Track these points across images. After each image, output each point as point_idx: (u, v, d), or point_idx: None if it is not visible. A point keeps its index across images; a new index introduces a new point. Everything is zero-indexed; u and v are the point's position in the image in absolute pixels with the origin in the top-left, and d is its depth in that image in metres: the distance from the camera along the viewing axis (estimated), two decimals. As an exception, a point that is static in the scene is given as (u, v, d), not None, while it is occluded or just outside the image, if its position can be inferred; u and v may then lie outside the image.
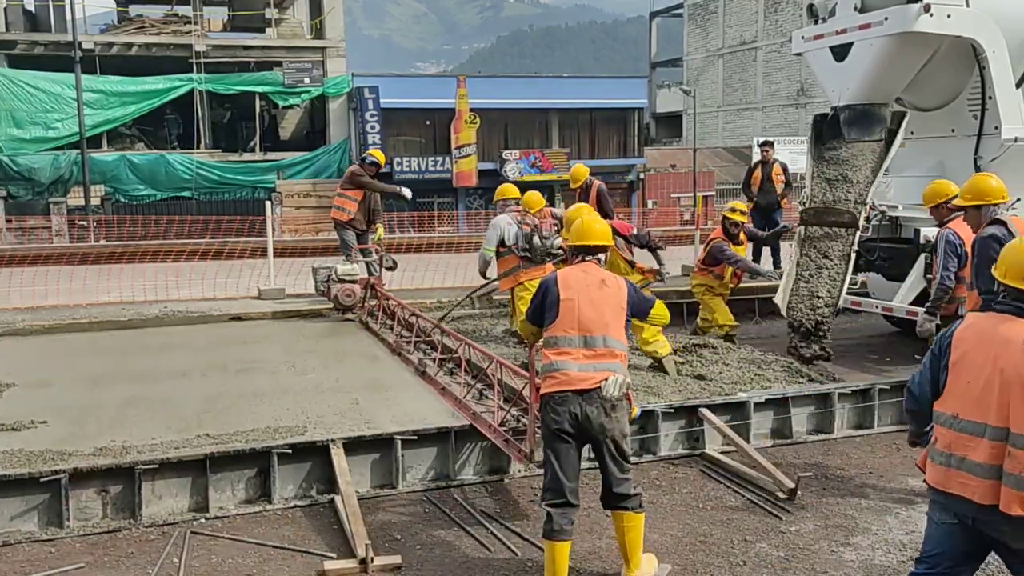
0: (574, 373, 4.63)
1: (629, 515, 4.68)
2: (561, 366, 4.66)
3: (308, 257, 15.39)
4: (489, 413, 6.33)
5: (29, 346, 9.56)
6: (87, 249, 18.00)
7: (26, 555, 5.09)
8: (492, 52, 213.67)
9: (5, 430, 6.37)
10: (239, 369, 8.37)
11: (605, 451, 4.65)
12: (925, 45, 8.78)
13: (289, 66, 31.01)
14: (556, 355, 4.71)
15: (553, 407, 4.62)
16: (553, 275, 4.95)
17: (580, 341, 4.70)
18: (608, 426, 4.60)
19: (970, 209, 6.31)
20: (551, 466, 4.64)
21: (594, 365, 4.64)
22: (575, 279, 4.83)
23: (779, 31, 48.33)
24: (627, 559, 4.74)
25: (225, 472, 5.75)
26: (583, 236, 4.97)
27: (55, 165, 28.17)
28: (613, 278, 4.93)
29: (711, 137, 52.27)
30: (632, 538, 4.70)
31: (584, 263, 4.94)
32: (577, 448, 4.67)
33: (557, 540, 4.53)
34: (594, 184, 11.80)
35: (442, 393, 7.26)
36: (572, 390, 4.59)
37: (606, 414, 4.59)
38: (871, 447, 7.09)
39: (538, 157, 33.66)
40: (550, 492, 4.62)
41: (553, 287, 4.82)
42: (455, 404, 6.85)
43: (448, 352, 8.12)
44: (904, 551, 5.14)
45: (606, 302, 4.77)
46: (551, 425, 4.63)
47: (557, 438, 4.61)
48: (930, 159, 9.76)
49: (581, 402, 4.58)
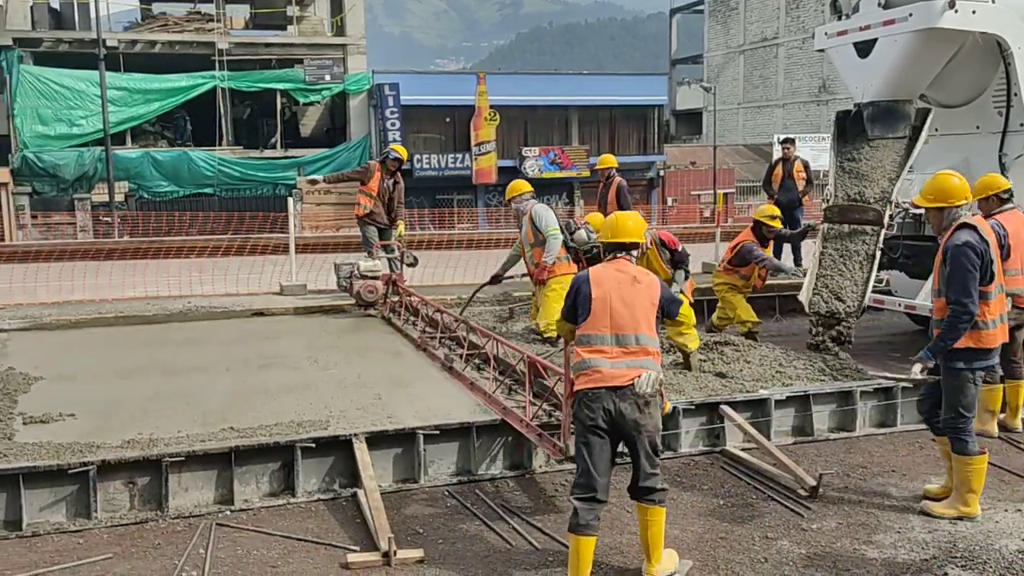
0: (607, 370, 4.67)
1: (653, 509, 4.71)
2: (594, 363, 4.70)
3: (329, 253, 15.46)
4: (520, 408, 6.38)
5: (56, 340, 9.68)
6: (112, 245, 18.17)
7: (55, 545, 5.17)
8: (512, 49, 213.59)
9: (34, 423, 6.45)
10: (262, 364, 8.44)
11: (638, 446, 4.69)
12: (950, 41, 8.72)
13: (310, 63, 31.16)
14: (589, 353, 4.75)
15: (587, 404, 4.67)
16: (585, 273, 4.97)
17: (613, 339, 4.74)
18: (642, 422, 4.65)
19: (932, 211, 5.90)
20: (583, 461, 4.67)
21: (627, 362, 4.68)
22: (607, 277, 4.87)
23: (801, 27, 48.01)
24: (648, 554, 4.76)
25: (250, 465, 5.82)
26: (617, 233, 4.99)
27: (80, 162, 28.45)
28: (645, 275, 4.96)
29: (731, 134, 52.02)
30: (654, 532, 4.73)
31: (617, 260, 4.96)
32: (611, 444, 4.70)
33: (582, 534, 4.56)
34: (615, 180, 11.84)
35: (471, 388, 7.30)
36: (606, 387, 4.64)
37: (640, 410, 4.63)
38: (893, 445, 7.07)
39: (557, 154, 33.65)
40: (579, 487, 4.66)
41: (584, 285, 4.85)
42: (485, 399, 6.89)
43: (474, 348, 8.16)
44: (927, 549, 5.13)
45: (638, 300, 4.80)
46: (585, 421, 4.67)
47: (591, 433, 4.65)
48: (955, 156, 9.69)
49: (615, 399, 4.62)
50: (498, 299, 11.65)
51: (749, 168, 41.37)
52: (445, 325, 9.09)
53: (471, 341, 8.27)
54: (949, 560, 4.99)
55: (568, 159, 33.71)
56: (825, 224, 9.17)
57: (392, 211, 11.62)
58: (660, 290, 4.91)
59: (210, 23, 31.64)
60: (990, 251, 5.59)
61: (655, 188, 36.04)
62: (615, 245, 4.99)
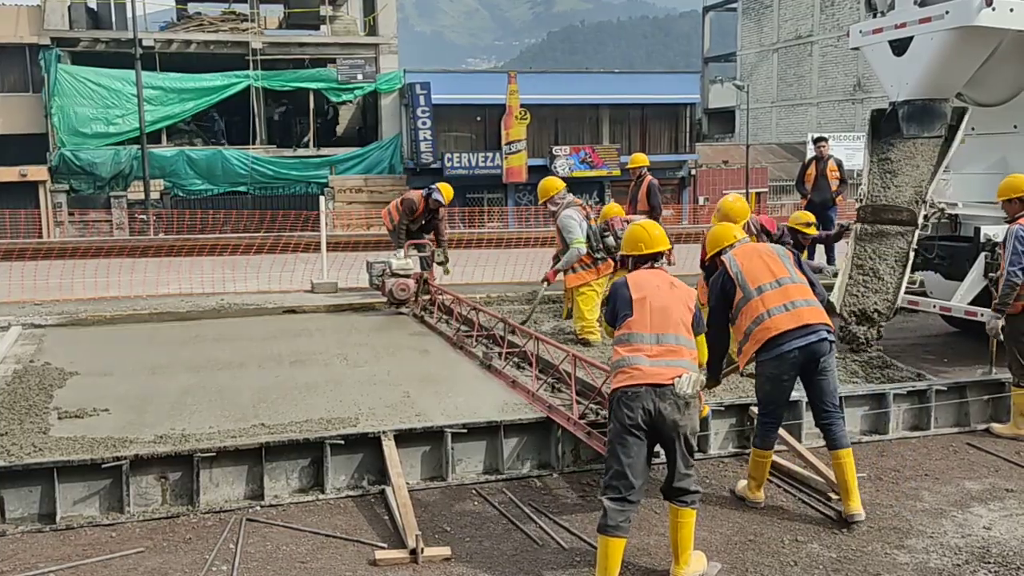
0: (646, 368, 4.68)
1: (685, 510, 4.70)
2: (633, 361, 4.73)
3: (360, 252, 15.56)
4: (565, 406, 6.40)
5: (91, 336, 9.82)
6: (147, 242, 18.43)
7: (88, 539, 5.24)
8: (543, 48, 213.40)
9: (69, 417, 6.55)
10: (293, 361, 8.51)
11: (675, 447, 4.69)
12: (987, 39, 8.58)
13: (342, 63, 31.36)
14: (628, 351, 4.78)
15: (626, 402, 4.65)
16: (622, 279, 5.06)
17: (653, 338, 4.77)
18: (681, 423, 4.65)
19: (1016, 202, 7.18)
20: (616, 460, 4.64)
21: (667, 361, 4.70)
22: (645, 280, 4.96)
23: (836, 25, 47.48)
24: (676, 555, 4.74)
25: (280, 461, 5.86)
26: (652, 244, 5.10)
27: (116, 160, 28.87)
28: (682, 284, 5.06)
29: (764, 133, 51.57)
30: (684, 535, 4.71)
31: (653, 268, 5.09)
32: (647, 444, 4.69)
33: (612, 536, 4.53)
34: (646, 178, 11.79)
35: (512, 386, 7.32)
36: (646, 384, 4.64)
37: (679, 411, 4.63)
38: (927, 449, 6.97)
39: (588, 153, 33.57)
40: (611, 488, 4.62)
41: (624, 290, 4.93)
42: (528, 397, 6.91)
43: (512, 347, 8.18)
44: (959, 555, 5.05)
45: (676, 302, 4.88)
46: (624, 421, 4.64)
47: (628, 433, 4.63)
48: (992, 156, 9.54)
49: (655, 398, 4.62)
50: (527, 299, 11.65)
51: (782, 167, 40.98)
52: (482, 324, 9.12)
53: (510, 340, 8.29)
54: (982, 565, 4.92)
55: (599, 158, 33.61)
56: (858, 224, 9.06)
57: (428, 231, 11.63)
58: (696, 299, 5.00)
59: (244, 23, 31.97)
60: None
61: (686, 187, 35.84)
62: (649, 256, 5.10)
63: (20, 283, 12.43)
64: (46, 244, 18.39)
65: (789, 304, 5.46)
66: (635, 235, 5.15)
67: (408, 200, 11.47)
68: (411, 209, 11.37)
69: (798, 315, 5.44)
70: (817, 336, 5.43)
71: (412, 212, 11.38)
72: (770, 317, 5.44)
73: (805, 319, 5.44)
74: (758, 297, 5.49)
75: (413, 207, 11.36)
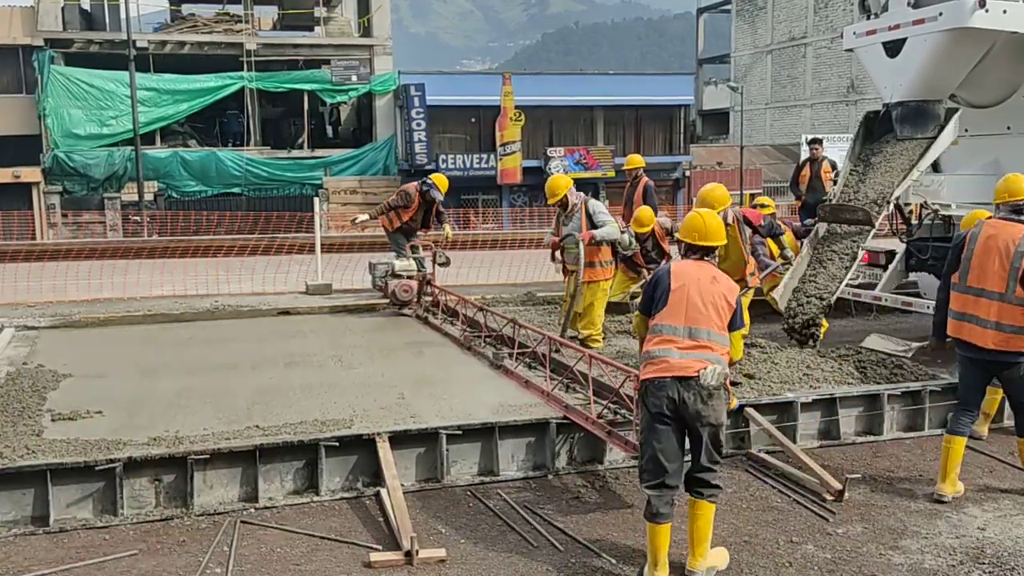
0: (674, 360, 4.73)
1: (701, 503, 4.76)
2: (662, 353, 4.78)
3: (355, 253, 15.54)
4: (582, 406, 6.43)
5: (85, 338, 9.79)
6: (141, 244, 18.40)
7: (82, 541, 5.22)
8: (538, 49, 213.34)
9: (62, 419, 6.53)
10: (287, 362, 8.49)
11: (700, 438, 4.74)
12: (980, 41, 8.61)
13: (337, 64, 31.35)
14: (659, 342, 4.83)
15: (653, 391, 4.74)
16: (667, 266, 5.08)
17: (685, 331, 4.81)
18: (704, 413, 4.69)
19: None
20: (650, 448, 4.74)
21: (695, 354, 4.74)
22: (688, 270, 4.97)
23: (829, 26, 47.58)
24: (692, 547, 4.79)
25: (274, 463, 5.85)
26: (706, 236, 5.07)
27: (109, 161, 28.81)
28: (725, 278, 5.04)
29: (759, 134, 51.67)
30: (700, 527, 4.76)
31: (701, 261, 5.06)
32: (677, 432, 4.75)
33: (657, 523, 4.66)
34: (642, 180, 11.81)
35: (526, 386, 7.34)
36: (671, 376, 4.70)
37: (703, 401, 4.68)
38: (921, 450, 6.98)
39: (583, 154, 33.60)
40: (648, 473, 4.73)
41: (665, 278, 4.96)
42: (544, 397, 6.94)
43: (523, 347, 8.19)
44: (954, 555, 5.06)
45: (715, 297, 4.87)
46: (651, 409, 4.75)
47: (657, 420, 4.72)
48: (985, 157, 9.57)
49: (679, 388, 4.68)
50: (522, 299, 11.66)
51: (777, 169, 41.08)
52: (489, 325, 9.12)
53: (519, 341, 8.30)
54: (976, 566, 4.92)
55: (593, 159, 33.64)
56: (819, 223, 9.15)
57: (426, 225, 11.55)
58: (736, 295, 4.98)
59: (238, 24, 31.93)
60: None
61: (681, 188, 35.87)
62: (702, 248, 5.07)
63: (13, 285, 12.39)
64: (39, 246, 18.34)
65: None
66: (693, 224, 5.10)
67: (404, 192, 11.34)
68: (406, 198, 11.18)
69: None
70: None
71: (407, 201, 11.19)
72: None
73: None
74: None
75: (408, 197, 11.19)
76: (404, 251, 11.20)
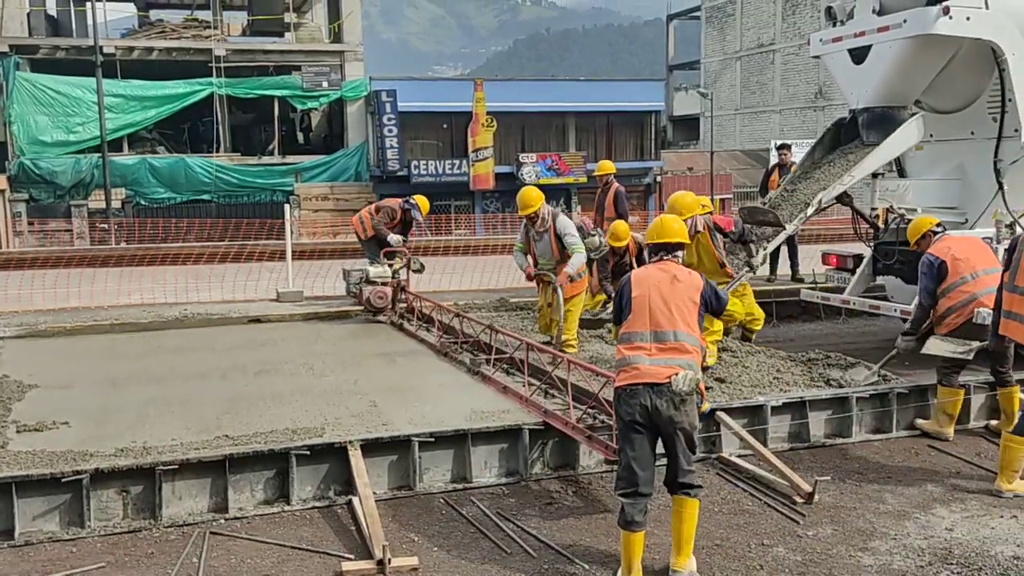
0: (645, 367, 4.79)
1: (689, 501, 4.80)
2: (633, 360, 4.84)
3: (326, 260, 15.47)
4: (561, 411, 6.45)
5: (51, 348, 9.66)
6: (108, 252, 18.18)
7: (48, 554, 5.15)
8: (509, 55, 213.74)
9: (28, 431, 6.43)
10: (258, 371, 8.42)
11: (675, 443, 4.79)
12: (944, 48, 8.75)
13: (307, 70, 31.19)
14: (629, 350, 4.89)
15: (625, 399, 4.80)
16: (629, 275, 5.16)
17: (651, 336, 4.86)
18: (677, 419, 4.74)
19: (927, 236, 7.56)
20: (624, 455, 4.81)
21: (665, 359, 4.79)
22: (647, 276, 5.05)
23: (797, 33, 48.13)
24: (679, 547, 4.83)
25: (244, 473, 5.80)
26: (663, 234, 5.15)
27: (76, 168, 28.44)
28: (687, 273, 5.08)
29: (728, 140, 52.09)
30: (688, 527, 4.81)
31: (662, 262, 5.13)
32: (650, 439, 4.80)
33: (631, 531, 4.70)
34: (613, 186, 11.85)
35: (504, 392, 7.33)
36: (643, 383, 4.75)
37: (675, 407, 4.73)
38: (889, 452, 7.06)
39: (555, 160, 33.68)
40: (623, 481, 4.78)
41: (627, 286, 5.05)
42: (522, 403, 6.93)
43: (500, 353, 8.19)
44: (923, 556, 5.12)
45: (677, 297, 4.92)
46: (624, 417, 4.81)
47: (631, 429, 4.78)
48: (949, 162, 9.72)
49: (651, 395, 4.73)
50: (495, 305, 11.65)
51: (746, 174, 41.44)
52: (465, 331, 9.09)
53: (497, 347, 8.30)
54: (945, 567, 4.98)
55: (565, 165, 33.73)
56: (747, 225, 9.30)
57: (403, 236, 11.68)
58: (703, 288, 5.01)
59: (207, 30, 31.68)
60: None
61: (652, 194, 36.06)
62: (660, 246, 5.16)
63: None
64: (4, 254, 18.09)
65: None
66: (652, 226, 5.27)
67: (388, 208, 11.56)
68: (390, 215, 11.46)
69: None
70: None
71: (392, 218, 11.47)
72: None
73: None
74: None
75: (393, 214, 11.48)
76: (378, 258, 11.18)
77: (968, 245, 7.46)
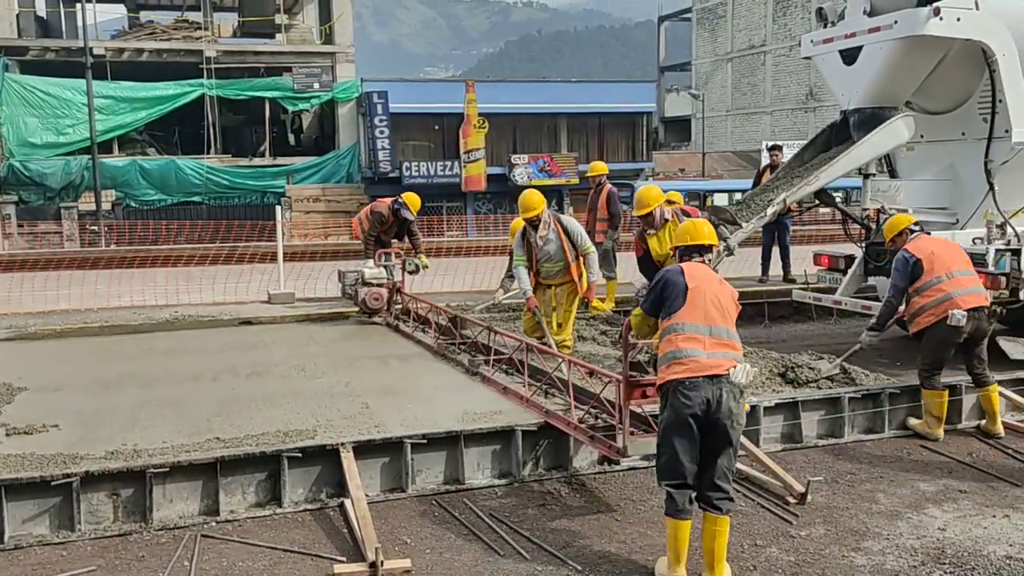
0: (704, 360, 4.75)
1: (722, 519, 4.74)
2: (690, 352, 4.79)
3: (318, 261, 15.44)
4: (563, 411, 6.43)
5: (40, 350, 9.60)
6: (98, 254, 18.10)
7: (38, 558, 5.11)
8: (501, 57, 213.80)
9: (17, 434, 6.38)
10: (249, 373, 8.39)
11: (729, 437, 4.73)
12: (935, 48, 8.77)
13: (298, 71, 31.14)
14: (684, 341, 4.83)
15: (684, 392, 4.72)
16: (676, 267, 5.12)
17: (706, 329, 4.85)
18: (735, 411, 4.73)
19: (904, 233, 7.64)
20: (672, 449, 4.74)
21: (721, 353, 4.79)
22: (699, 271, 5.05)
23: (788, 35, 48.28)
24: (712, 564, 4.74)
25: (235, 475, 5.77)
26: (696, 237, 5.22)
27: (66, 170, 28.33)
28: (721, 278, 5.17)
29: (720, 141, 52.23)
30: (720, 543, 4.73)
31: (696, 262, 5.16)
32: (698, 435, 4.75)
33: (681, 519, 4.69)
34: (605, 187, 11.85)
35: (504, 393, 7.31)
36: (704, 375, 4.71)
37: (735, 399, 4.72)
38: (881, 452, 7.07)
39: (547, 161, 33.67)
40: (670, 473, 4.75)
41: (678, 277, 4.99)
42: (523, 403, 6.91)
43: (499, 354, 8.17)
44: (915, 556, 5.12)
45: (725, 297, 4.98)
46: (681, 410, 4.71)
47: (684, 423, 4.71)
48: (940, 163, 9.75)
49: (712, 388, 4.69)
50: (487, 308, 11.63)
51: (737, 175, 41.48)
52: (462, 332, 9.07)
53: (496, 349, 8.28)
54: (937, 566, 4.99)
55: (557, 166, 33.74)
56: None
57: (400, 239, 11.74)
58: (737, 296, 5.10)
59: (198, 31, 31.60)
60: None
61: (644, 195, 36.06)
62: (694, 248, 5.21)
63: (-34, 297, 12.13)
64: (-6, 256, 17.98)
65: None
66: (683, 228, 5.31)
67: (377, 212, 11.59)
68: (380, 220, 11.51)
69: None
70: None
71: (382, 223, 11.52)
72: None
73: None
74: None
75: (383, 219, 11.52)
76: (375, 258, 11.17)
77: (944, 246, 7.51)
